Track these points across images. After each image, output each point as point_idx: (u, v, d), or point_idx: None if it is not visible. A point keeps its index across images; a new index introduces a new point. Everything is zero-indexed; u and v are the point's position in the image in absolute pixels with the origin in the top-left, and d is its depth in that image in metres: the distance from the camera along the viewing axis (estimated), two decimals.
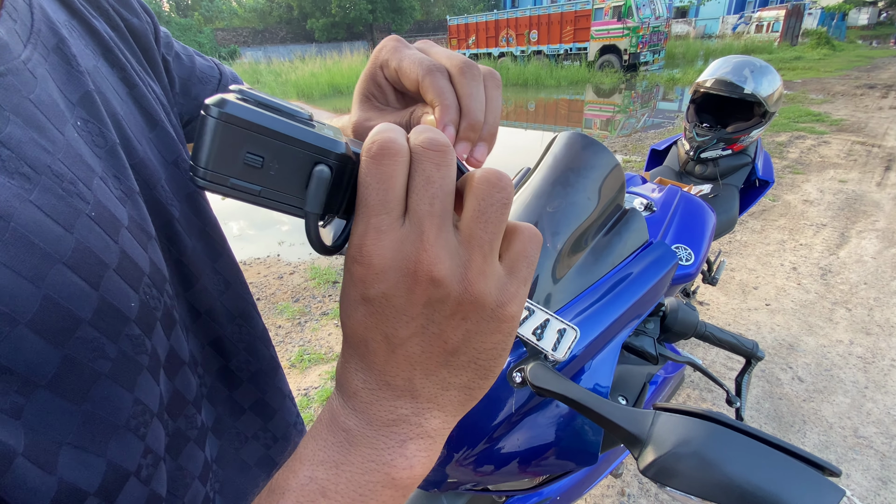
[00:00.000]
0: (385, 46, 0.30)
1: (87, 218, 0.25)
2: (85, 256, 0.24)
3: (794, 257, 2.87)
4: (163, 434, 0.29)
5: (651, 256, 0.67)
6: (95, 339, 0.24)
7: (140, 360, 0.27)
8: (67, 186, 0.24)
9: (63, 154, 0.25)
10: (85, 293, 0.23)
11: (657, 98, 9.36)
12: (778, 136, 5.57)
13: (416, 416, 0.23)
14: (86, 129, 0.28)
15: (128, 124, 0.33)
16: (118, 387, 0.25)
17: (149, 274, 0.29)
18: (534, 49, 14.55)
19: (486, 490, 0.72)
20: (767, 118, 1.74)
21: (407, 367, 0.22)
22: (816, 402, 1.81)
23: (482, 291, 0.21)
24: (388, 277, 0.20)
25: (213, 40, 23.67)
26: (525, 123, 8.13)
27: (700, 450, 0.42)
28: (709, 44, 16.52)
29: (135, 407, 0.26)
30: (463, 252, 0.21)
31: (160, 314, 0.29)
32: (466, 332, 0.22)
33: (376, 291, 0.21)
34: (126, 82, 0.35)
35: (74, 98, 0.28)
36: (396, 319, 0.21)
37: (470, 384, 0.23)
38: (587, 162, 0.68)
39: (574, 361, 0.60)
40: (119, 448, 0.24)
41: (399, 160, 0.20)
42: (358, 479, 0.22)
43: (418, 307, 0.21)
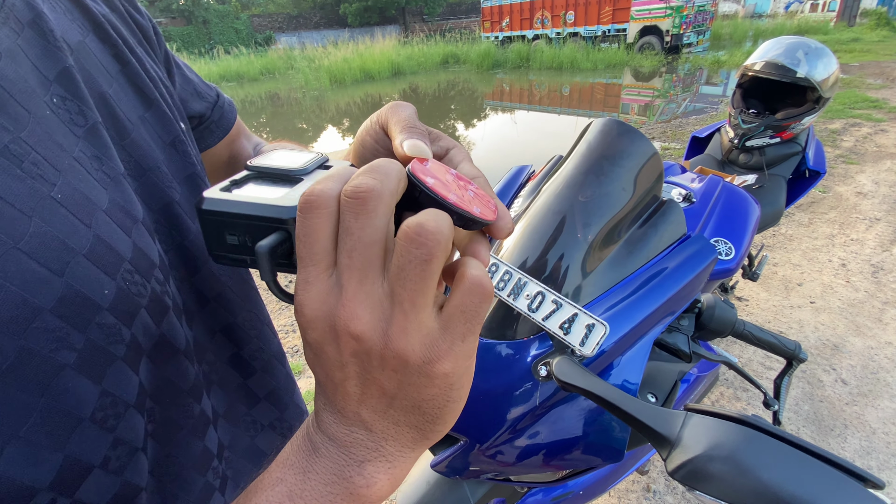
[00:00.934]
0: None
1: (52, 200, 0.23)
2: (46, 241, 0.22)
3: (843, 253, 2.70)
4: (142, 424, 0.28)
5: (688, 250, 0.64)
6: (58, 329, 0.22)
7: (113, 349, 0.25)
8: (28, 167, 0.23)
9: (27, 133, 0.24)
10: (45, 280, 0.22)
11: (700, 82, 8.91)
12: (831, 122, 5.21)
13: (373, 442, 0.23)
14: (63, 108, 0.27)
15: (117, 103, 0.32)
16: (84, 378, 0.23)
17: (130, 259, 0.27)
18: (570, 31, 14.07)
19: (508, 480, 0.72)
20: (821, 104, 1.62)
21: (353, 404, 0.22)
22: (860, 405, 1.71)
23: (404, 349, 0.20)
24: (317, 327, 0.21)
25: (250, 26, 24.06)
26: (558, 108, 7.92)
27: (733, 454, 0.40)
28: (759, 24, 15.53)
29: (103, 399, 0.24)
30: (387, 307, 0.20)
31: (145, 301, 0.28)
32: (399, 382, 0.21)
33: (311, 338, 0.22)
34: (118, 59, 0.33)
35: (51, 74, 0.27)
36: (331, 365, 0.22)
37: (421, 426, 0.23)
38: (623, 150, 0.66)
39: (602, 357, 0.59)
40: (81, 441, 0.23)
41: (322, 213, 0.20)
42: (321, 489, 0.22)
43: (347, 355, 0.21)
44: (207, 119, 0.49)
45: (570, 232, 0.64)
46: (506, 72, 13.05)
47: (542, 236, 0.65)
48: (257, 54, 17.48)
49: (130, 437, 0.26)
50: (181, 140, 0.37)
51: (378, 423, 0.23)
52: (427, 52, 15.14)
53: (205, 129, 0.50)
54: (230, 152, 0.55)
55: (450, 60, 15.62)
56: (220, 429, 0.38)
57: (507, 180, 0.84)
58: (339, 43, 15.30)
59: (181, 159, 0.37)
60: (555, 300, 0.56)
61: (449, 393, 0.22)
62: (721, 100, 6.98)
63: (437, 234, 0.19)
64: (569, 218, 0.65)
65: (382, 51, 14.14)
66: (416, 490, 0.81)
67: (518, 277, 0.58)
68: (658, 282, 0.62)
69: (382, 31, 20.37)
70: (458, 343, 0.21)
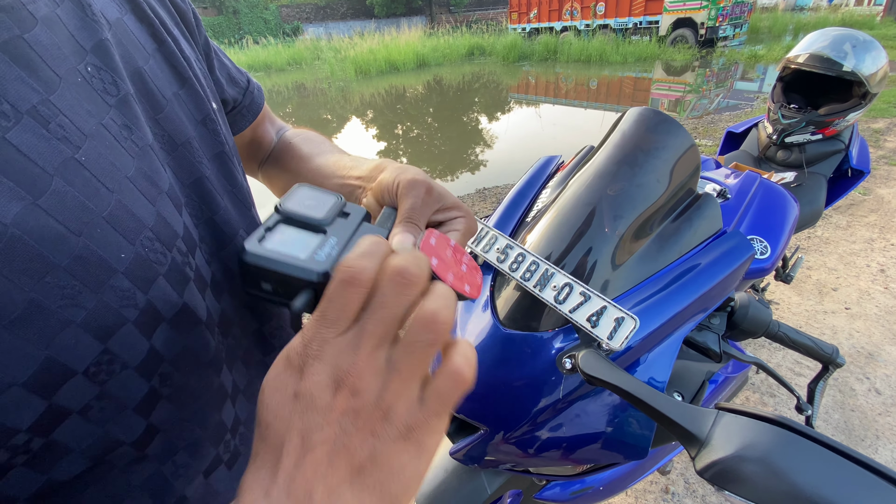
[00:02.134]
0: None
1: (76, 162, 0.24)
2: (65, 201, 0.23)
3: (882, 258, 2.58)
4: (142, 386, 0.28)
5: (724, 246, 0.62)
6: (70, 287, 0.23)
7: (125, 313, 0.26)
8: (54, 128, 0.24)
9: (56, 96, 0.24)
10: (61, 238, 0.23)
11: (735, 77, 8.59)
12: (875, 121, 4.96)
13: None
14: (97, 77, 0.28)
15: (152, 78, 0.33)
16: (89, 336, 0.24)
17: (152, 227, 0.28)
18: (599, 23, 13.73)
19: (526, 472, 0.72)
20: (868, 100, 1.54)
21: (312, 478, 0.21)
22: (894, 416, 1.64)
23: (392, 409, 0.22)
24: (319, 379, 0.22)
25: (278, 17, 24.33)
26: (585, 102, 7.77)
27: (767, 456, 0.39)
28: (800, 17, 14.85)
29: (102, 356, 0.25)
30: (386, 372, 0.22)
31: (164, 269, 0.28)
32: (373, 448, 0.22)
33: (306, 389, 0.22)
34: (155, 38, 0.35)
35: (87, 45, 0.28)
36: (314, 421, 0.22)
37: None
38: (659, 141, 0.64)
39: (630, 352, 0.57)
40: (67, 391, 0.24)
41: (360, 290, 0.23)
42: None
43: (336, 414, 0.22)
44: (239, 104, 0.51)
45: (599, 224, 0.62)
46: (532, 64, 12.85)
47: (570, 227, 0.64)
48: (285, 44, 17.69)
49: (120, 395, 0.26)
50: (212, 119, 0.38)
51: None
52: (452, 44, 15.04)
53: (237, 114, 0.51)
54: (253, 135, 0.56)
55: (475, 52, 15.47)
56: (238, 404, 0.39)
57: (535, 171, 0.83)
58: (366, 34, 15.34)
59: (211, 137, 0.38)
60: (583, 292, 0.55)
61: (416, 466, 0.22)
62: (757, 96, 6.73)
63: (445, 325, 0.22)
64: (599, 210, 0.63)
65: (408, 42, 14.11)
66: (434, 477, 0.82)
67: (545, 268, 0.57)
68: (691, 277, 0.60)
69: (409, 22, 20.33)
70: (434, 419, 0.23)
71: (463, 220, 0.38)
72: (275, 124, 0.61)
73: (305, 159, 0.52)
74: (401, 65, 13.12)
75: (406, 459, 0.22)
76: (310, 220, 0.29)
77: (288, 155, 0.55)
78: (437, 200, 0.36)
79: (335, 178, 0.46)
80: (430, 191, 0.35)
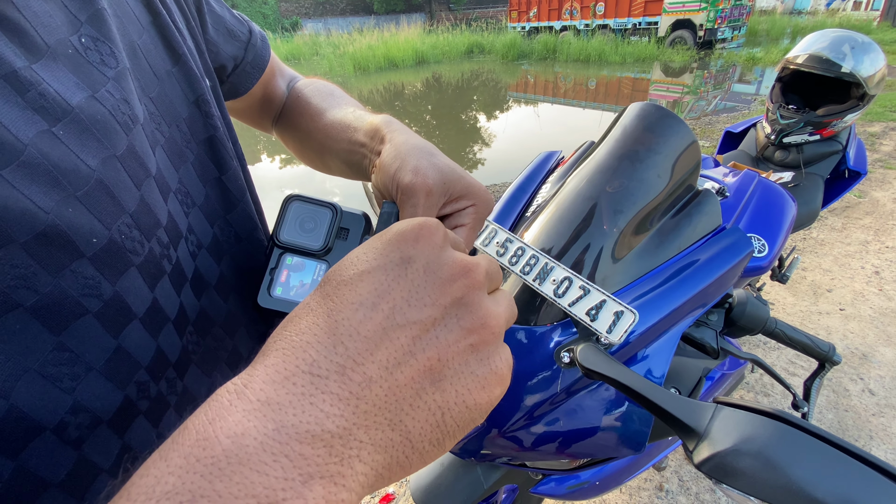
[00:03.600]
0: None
1: (51, 135, 0.22)
2: (35, 174, 0.21)
3: (877, 260, 2.59)
4: (104, 388, 0.25)
5: (723, 242, 0.62)
6: (24, 266, 0.21)
7: (86, 303, 0.23)
8: (33, 97, 0.22)
9: (40, 65, 0.23)
10: (25, 212, 0.21)
11: (732, 79, 8.62)
12: (871, 125, 4.99)
13: (343, 444, 0.17)
14: (94, 48, 0.26)
15: (146, 54, 0.31)
16: (38, 324, 0.21)
17: (133, 213, 0.26)
18: (599, 23, 13.74)
19: (523, 466, 0.72)
20: (866, 101, 1.55)
21: (382, 364, 0.18)
22: (887, 417, 1.65)
23: (499, 338, 0.22)
24: (443, 251, 0.21)
25: (277, 12, 24.20)
26: (583, 102, 7.77)
27: (765, 449, 0.39)
28: (798, 20, 14.90)
29: (57, 352, 0.22)
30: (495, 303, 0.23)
31: (139, 260, 0.26)
32: (461, 365, 0.20)
33: (425, 253, 0.21)
34: (149, 10, 0.33)
35: (83, 16, 0.26)
36: (419, 295, 0.20)
37: (414, 440, 0.19)
38: (661, 136, 0.63)
39: (628, 347, 0.57)
40: (31, 394, 0.21)
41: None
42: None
43: (447, 297, 0.20)
44: (242, 61, 0.47)
45: (599, 220, 0.62)
46: (531, 63, 12.85)
47: (570, 222, 0.63)
48: (283, 39, 17.59)
49: (86, 400, 0.24)
50: (205, 100, 0.37)
51: (375, 413, 0.18)
52: (452, 42, 15.01)
53: (241, 73, 0.48)
54: (264, 92, 0.54)
55: (474, 50, 15.45)
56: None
57: (535, 166, 0.83)
58: (365, 30, 15.29)
59: (203, 120, 0.37)
60: (582, 286, 0.55)
61: (481, 411, 0.21)
62: (754, 98, 6.75)
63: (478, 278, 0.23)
64: (600, 205, 0.63)
65: (407, 39, 14.08)
66: (430, 472, 0.82)
67: (545, 262, 0.57)
68: (689, 273, 0.60)
69: (408, 19, 20.27)
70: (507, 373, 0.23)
71: (472, 211, 0.35)
72: (285, 76, 0.58)
73: (315, 116, 0.50)
74: (400, 62, 13.08)
75: (480, 398, 0.20)
76: (309, 250, 0.32)
77: (298, 111, 0.53)
78: (441, 196, 0.33)
79: (342, 142, 0.45)
80: (429, 194, 0.33)
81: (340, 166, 0.48)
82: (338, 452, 0.16)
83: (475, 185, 0.36)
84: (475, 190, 0.35)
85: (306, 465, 0.16)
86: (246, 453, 0.15)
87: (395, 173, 0.34)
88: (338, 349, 0.18)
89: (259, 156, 5.57)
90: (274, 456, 0.15)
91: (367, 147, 0.41)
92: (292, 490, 0.15)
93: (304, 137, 0.51)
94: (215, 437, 0.15)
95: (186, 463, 0.15)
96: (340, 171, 0.50)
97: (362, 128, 0.42)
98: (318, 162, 0.54)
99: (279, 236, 0.31)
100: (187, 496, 0.14)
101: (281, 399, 0.17)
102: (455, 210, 0.35)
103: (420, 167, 0.34)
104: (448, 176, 0.34)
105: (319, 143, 0.49)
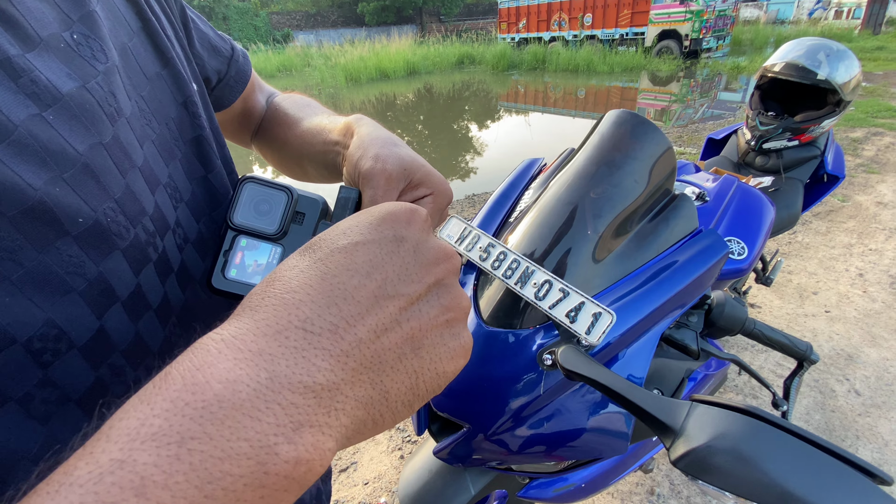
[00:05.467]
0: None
1: (42, 119, 0.23)
2: (24, 154, 0.22)
3: (861, 263, 2.64)
4: (80, 367, 0.25)
5: (699, 245, 0.64)
6: (10, 239, 0.21)
7: (71, 281, 0.24)
8: (25, 83, 0.23)
9: (33, 55, 0.24)
10: (16, 188, 0.21)
11: (718, 87, 8.79)
12: (853, 131, 5.10)
13: (331, 397, 0.18)
14: (86, 45, 0.27)
15: (135, 56, 0.32)
16: (24, 299, 0.22)
17: (118, 199, 0.27)
18: (587, 34, 13.98)
19: (509, 470, 0.72)
20: (842, 107, 1.59)
21: (371, 328, 0.20)
22: (873, 417, 1.68)
23: (466, 317, 0.24)
24: (430, 236, 0.23)
25: (268, 24, 24.33)
26: (573, 111, 7.87)
27: (737, 445, 0.40)
28: (780, 30, 15.26)
29: (44, 328, 0.23)
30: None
31: (124, 245, 0.27)
32: (437, 336, 0.22)
33: (415, 235, 0.23)
34: (139, 16, 0.34)
35: (75, 16, 0.27)
36: (408, 271, 0.22)
37: (390, 400, 0.20)
38: (637, 142, 0.65)
39: (608, 348, 0.58)
40: (7, 365, 0.21)
41: None
42: (211, 468, 0.15)
43: (431, 277, 0.22)
44: (225, 75, 0.49)
45: (580, 224, 0.64)
46: (521, 73, 13.01)
47: (552, 226, 0.65)
48: (275, 51, 17.67)
49: (60, 379, 0.24)
50: (193, 101, 0.38)
51: (361, 373, 0.19)
52: (443, 52, 15.17)
53: (224, 87, 0.49)
54: (244, 106, 0.55)
55: (465, 61, 15.62)
56: None
57: (518, 173, 0.84)
58: (356, 41, 15.41)
59: (190, 120, 0.38)
60: (562, 289, 0.56)
61: (442, 382, 0.23)
62: (739, 106, 6.88)
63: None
64: (580, 210, 0.64)
65: (398, 50, 14.20)
66: (418, 478, 0.82)
67: (526, 266, 0.58)
68: (667, 275, 0.62)
69: (399, 31, 20.46)
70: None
71: (430, 200, 0.37)
72: (264, 91, 0.60)
73: (293, 125, 0.52)
74: (391, 72, 13.19)
75: (447, 367, 0.23)
76: (263, 234, 0.31)
77: (276, 122, 0.55)
78: (400, 181, 0.36)
79: (316, 144, 0.46)
80: (389, 179, 0.35)
81: (318, 169, 0.50)
82: (326, 404, 0.18)
83: (434, 175, 0.38)
84: (434, 179, 0.38)
85: (297, 414, 0.17)
86: (239, 399, 0.16)
87: (358, 161, 0.36)
88: (331, 309, 0.19)
89: (251, 166, 5.57)
90: (267, 403, 0.16)
91: (340, 144, 0.43)
92: (283, 436, 0.16)
93: (281, 146, 0.53)
94: (206, 382, 0.16)
95: (174, 406, 0.15)
96: (319, 176, 0.52)
97: (336, 128, 0.44)
98: (297, 169, 0.55)
99: (233, 218, 0.31)
100: (175, 437, 0.15)
101: (273, 350, 0.18)
102: (414, 198, 0.37)
103: (381, 154, 0.36)
104: (408, 164, 0.36)
105: (297, 149, 0.50)
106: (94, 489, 0.13)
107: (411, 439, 1.69)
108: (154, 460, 0.14)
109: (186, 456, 0.14)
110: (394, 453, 1.65)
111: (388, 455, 1.64)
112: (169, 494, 0.14)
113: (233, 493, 0.15)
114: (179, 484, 0.14)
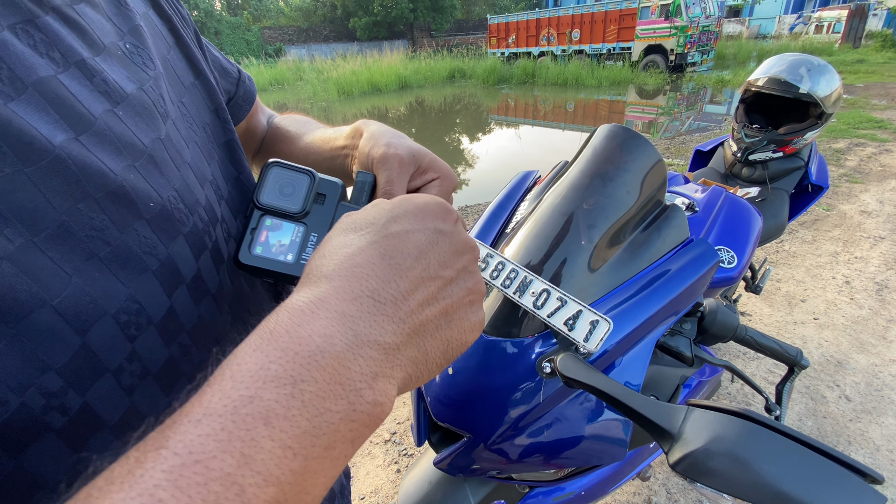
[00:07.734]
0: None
1: (113, 114, 0.26)
2: (104, 142, 0.25)
3: (847, 270, 2.70)
4: (157, 343, 0.27)
5: (691, 254, 0.65)
6: (98, 219, 0.24)
7: (147, 260, 0.26)
8: (98, 82, 0.26)
9: (100, 58, 0.27)
10: (101, 173, 0.24)
11: (704, 100, 8.99)
12: (836, 142, 5.24)
13: (394, 354, 0.22)
14: (137, 54, 0.30)
15: (173, 66, 0.35)
16: (110, 275, 0.24)
17: (177, 188, 0.29)
18: (575, 48, 14.27)
19: (510, 479, 0.73)
20: (824, 120, 1.65)
21: (419, 302, 0.24)
22: (864, 422, 1.70)
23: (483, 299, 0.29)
24: (460, 229, 0.28)
25: (260, 38, 24.51)
26: (563, 124, 7.99)
27: (733, 447, 0.41)
28: (763, 44, 15.69)
29: (128, 303, 0.25)
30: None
31: (186, 230, 0.29)
32: (463, 313, 0.27)
33: (450, 228, 0.27)
34: (173, 33, 0.38)
35: (125, 28, 0.30)
36: (444, 258, 0.26)
37: (429, 361, 0.25)
38: (629, 155, 0.67)
39: (605, 356, 0.60)
40: (100, 335, 0.23)
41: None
42: (317, 405, 0.19)
43: (460, 264, 0.27)
44: (234, 95, 0.52)
45: (574, 235, 0.65)
46: (511, 87, 13.20)
47: (547, 237, 0.66)
48: (267, 65, 17.78)
49: (146, 356, 0.26)
50: (223, 108, 0.41)
51: (413, 336, 0.24)
52: (434, 67, 15.36)
53: (233, 106, 0.52)
54: (248, 126, 0.58)
55: (456, 75, 15.83)
56: None
57: (513, 185, 0.86)
58: (348, 56, 15.56)
59: (222, 126, 0.40)
60: (560, 297, 0.57)
61: (459, 348, 0.27)
62: (725, 118, 7.04)
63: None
64: (574, 221, 0.66)
65: (390, 64, 14.36)
66: (418, 490, 0.82)
67: (524, 275, 0.60)
68: (660, 284, 0.63)
69: (391, 46, 20.69)
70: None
71: (437, 184, 0.41)
72: (265, 113, 0.62)
73: (294, 140, 0.55)
74: (383, 86, 13.32)
75: (467, 337, 0.27)
76: (288, 212, 0.33)
77: (278, 139, 0.57)
78: (411, 166, 0.39)
79: (324, 152, 0.49)
80: (402, 163, 0.39)
81: None
82: (391, 360, 0.22)
83: (439, 161, 0.42)
84: (439, 165, 0.42)
85: (374, 365, 0.21)
86: (336, 350, 0.20)
87: (371, 150, 0.40)
88: (391, 284, 0.23)
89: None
90: (354, 355, 0.21)
91: (348, 147, 0.46)
92: (364, 382, 0.20)
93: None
94: (308, 336, 0.20)
95: (285, 356, 0.19)
96: None
97: (342, 135, 0.47)
98: None
99: (259, 198, 0.33)
100: (289, 380, 0.18)
101: (353, 313, 0.22)
102: (423, 182, 0.41)
103: (392, 142, 0.40)
104: (416, 151, 0.40)
105: (302, 161, 0.52)
106: (231, 418, 0.17)
107: (407, 453, 1.68)
108: (276, 397, 0.18)
109: (299, 395, 0.18)
110: (390, 467, 1.63)
111: (384, 469, 1.63)
112: (288, 424, 0.18)
113: (331, 425, 0.19)
114: (295, 416, 0.18)
